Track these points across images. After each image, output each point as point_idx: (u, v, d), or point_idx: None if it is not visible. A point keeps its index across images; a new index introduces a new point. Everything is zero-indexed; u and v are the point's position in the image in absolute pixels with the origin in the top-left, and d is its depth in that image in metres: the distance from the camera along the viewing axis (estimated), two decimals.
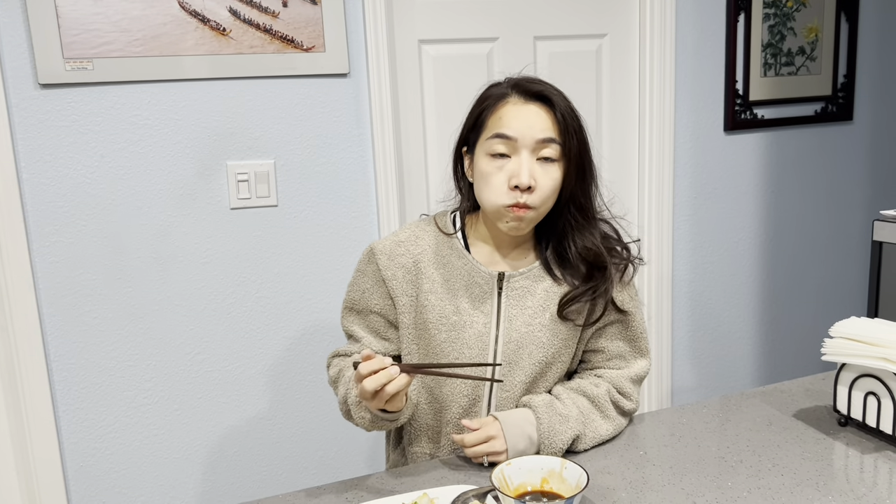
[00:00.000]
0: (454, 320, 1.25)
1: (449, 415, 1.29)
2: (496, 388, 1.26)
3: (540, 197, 1.18)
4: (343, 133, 2.02)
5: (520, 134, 1.16)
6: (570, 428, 1.21)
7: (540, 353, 1.25)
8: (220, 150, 1.92)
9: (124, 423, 1.94)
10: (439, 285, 1.26)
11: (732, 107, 2.44)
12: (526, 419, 1.20)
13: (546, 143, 1.17)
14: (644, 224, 2.42)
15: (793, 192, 2.62)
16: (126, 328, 1.91)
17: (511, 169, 1.17)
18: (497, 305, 1.25)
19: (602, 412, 1.26)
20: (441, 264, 1.27)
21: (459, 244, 1.28)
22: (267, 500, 1.14)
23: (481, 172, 1.20)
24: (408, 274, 1.28)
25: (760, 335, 2.67)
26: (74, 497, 1.92)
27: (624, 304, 1.30)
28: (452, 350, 1.25)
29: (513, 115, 1.17)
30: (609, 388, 1.29)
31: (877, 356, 1.18)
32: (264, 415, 2.07)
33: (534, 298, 1.26)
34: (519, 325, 1.25)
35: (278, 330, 2.05)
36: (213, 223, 1.94)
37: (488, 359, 1.25)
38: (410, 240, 1.30)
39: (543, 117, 1.17)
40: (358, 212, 2.07)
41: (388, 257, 1.28)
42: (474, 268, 1.26)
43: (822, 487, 1.10)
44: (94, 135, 1.82)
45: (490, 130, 1.19)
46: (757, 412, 1.36)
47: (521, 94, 1.19)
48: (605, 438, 1.26)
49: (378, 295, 1.29)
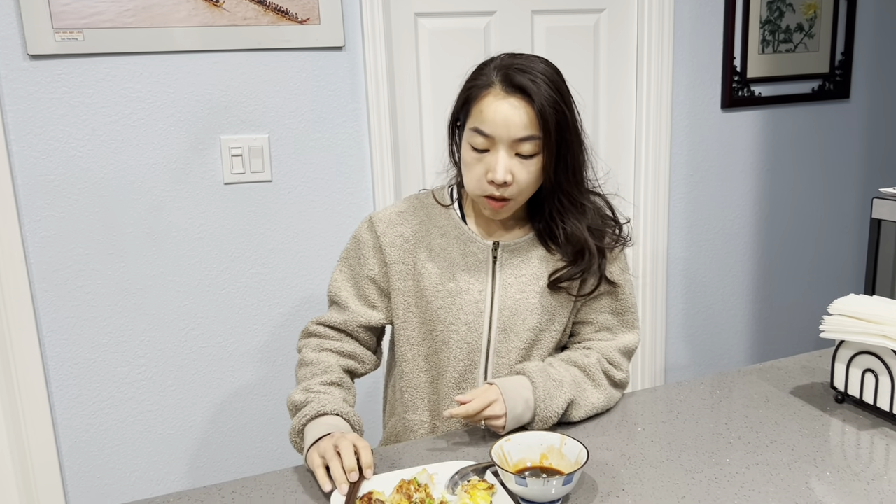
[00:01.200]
0: (450, 287, 1.27)
1: (445, 380, 1.30)
2: (492, 354, 1.28)
3: (517, 189, 1.20)
4: (338, 107, 1.99)
5: (497, 133, 1.17)
6: (564, 392, 1.21)
7: (534, 319, 1.28)
8: (214, 124, 1.90)
9: (118, 399, 1.93)
10: (436, 254, 1.29)
11: (730, 84, 2.42)
12: (521, 384, 1.20)
13: (524, 140, 1.17)
14: (640, 201, 2.41)
15: (789, 170, 2.61)
16: (119, 304, 1.89)
17: (489, 163, 1.19)
18: (492, 274, 1.28)
19: (594, 381, 1.27)
20: (438, 234, 1.30)
21: (456, 215, 1.31)
22: (263, 477, 1.14)
23: (464, 159, 1.23)
24: (406, 243, 1.30)
25: (754, 313, 2.68)
26: (69, 473, 1.92)
27: (614, 276, 1.32)
28: (448, 316, 1.27)
29: (492, 109, 1.16)
30: (599, 357, 1.30)
31: (875, 333, 1.18)
32: (259, 391, 2.06)
33: (528, 267, 1.29)
34: (513, 293, 1.27)
35: (272, 306, 2.04)
36: (207, 198, 1.92)
37: (483, 324, 1.27)
38: (409, 210, 1.33)
39: (522, 113, 1.16)
40: (353, 187, 2.05)
41: (386, 225, 1.32)
42: (470, 238, 1.29)
43: (819, 464, 1.10)
44: (86, 107, 1.79)
45: (472, 120, 1.19)
46: (754, 389, 1.37)
47: (504, 84, 1.17)
48: (598, 409, 1.27)
49: (374, 262, 1.31)
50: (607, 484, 1.06)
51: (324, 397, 1.20)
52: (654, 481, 1.07)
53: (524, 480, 0.98)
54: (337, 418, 1.17)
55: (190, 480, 2.04)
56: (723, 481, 1.06)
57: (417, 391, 1.34)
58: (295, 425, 1.19)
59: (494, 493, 1.01)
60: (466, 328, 1.27)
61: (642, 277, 2.46)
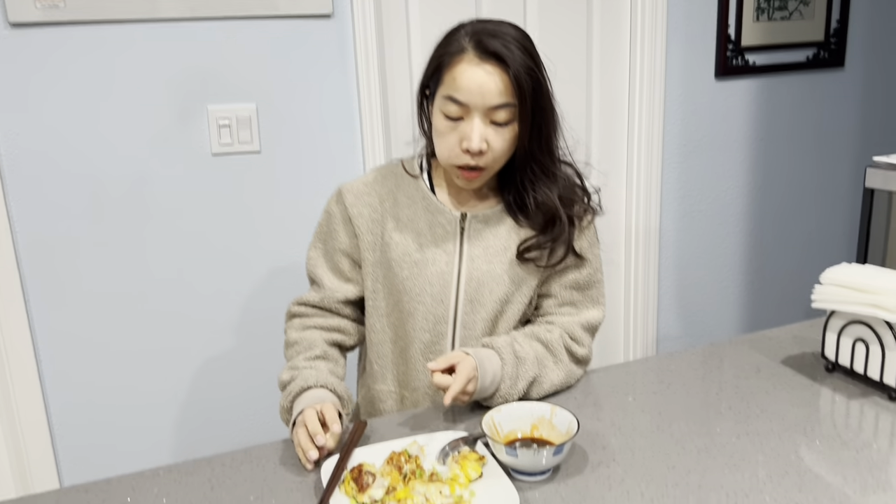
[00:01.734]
0: (416, 258, 1.26)
1: (412, 351, 1.30)
2: (459, 325, 1.28)
3: (492, 158, 1.19)
4: (327, 77, 1.96)
5: (472, 100, 1.15)
6: (527, 371, 1.21)
7: (501, 290, 1.27)
8: (200, 94, 1.86)
9: (106, 372, 1.93)
10: (404, 224, 1.28)
11: (724, 52, 2.40)
12: (491, 359, 1.19)
13: (499, 108, 1.15)
14: (633, 172, 2.39)
15: (782, 139, 2.60)
16: (107, 276, 1.88)
17: (463, 131, 1.17)
18: (459, 245, 1.27)
19: (555, 357, 1.26)
20: (406, 204, 1.29)
21: (425, 185, 1.31)
22: (253, 449, 1.13)
23: (436, 127, 1.21)
24: (374, 213, 1.30)
25: (746, 283, 2.68)
26: (59, 443, 1.92)
27: (582, 250, 1.30)
28: (414, 286, 1.26)
29: (467, 77, 1.14)
30: (562, 333, 1.29)
31: (867, 303, 1.18)
32: (249, 363, 2.05)
33: (495, 239, 1.28)
34: (480, 264, 1.26)
35: (262, 278, 2.02)
36: (195, 169, 1.90)
37: (450, 295, 1.26)
38: (378, 180, 1.33)
39: (497, 79, 1.14)
40: (343, 158, 2.02)
41: (354, 196, 1.31)
42: (438, 209, 1.28)
43: (809, 433, 1.10)
44: (69, 77, 1.75)
45: (445, 88, 1.17)
46: (745, 359, 1.37)
47: (477, 50, 1.14)
48: (558, 386, 1.26)
49: (344, 234, 1.31)
50: (598, 454, 1.06)
51: (307, 372, 1.20)
52: (645, 451, 1.07)
53: (515, 451, 0.98)
54: (321, 391, 1.17)
55: (179, 452, 2.04)
56: (713, 451, 1.06)
57: (386, 361, 1.34)
58: (283, 404, 1.19)
59: (485, 464, 1.01)
60: (432, 299, 1.27)
61: (634, 247, 2.45)
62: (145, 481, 1.05)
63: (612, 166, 2.41)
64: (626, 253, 2.47)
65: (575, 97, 2.29)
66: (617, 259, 2.49)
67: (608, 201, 2.42)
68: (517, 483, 0.99)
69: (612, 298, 2.52)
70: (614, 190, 2.43)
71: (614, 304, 2.53)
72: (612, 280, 2.51)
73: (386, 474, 0.99)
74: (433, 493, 0.94)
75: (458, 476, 0.98)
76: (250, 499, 0.99)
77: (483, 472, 1.00)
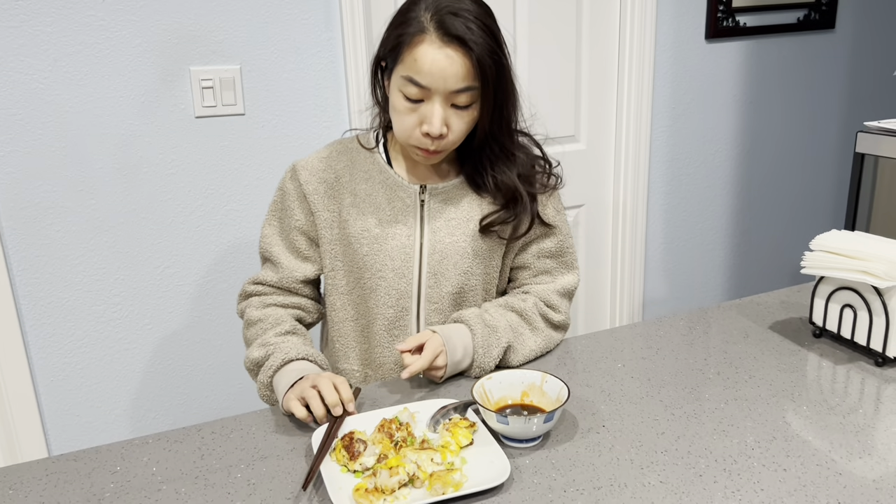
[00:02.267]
0: (376, 233, 1.24)
1: (375, 329, 1.28)
2: (423, 300, 1.26)
3: (451, 140, 1.17)
4: (312, 37, 1.92)
5: (433, 83, 1.11)
6: (500, 339, 1.21)
7: (465, 263, 1.26)
8: (183, 55, 1.82)
9: (94, 338, 1.91)
10: (361, 199, 1.25)
11: (715, 13, 2.37)
12: (460, 332, 1.19)
13: (461, 92, 1.12)
14: (622, 135, 2.38)
15: (772, 102, 2.58)
16: (91, 242, 1.85)
17: (423, 113, 1.14)
18: (420, 218, 1.25)
19: (531, 325, 1.26)
20: (363, 179, 1.26)
21: (381, 159, 1.27)
22: (242, 417, 1.13)
23: (394, 106, 1.17)
24: (329, 189, 1.26)
25: (732, 247, 2.69)
26: (46, 411, 1.91)
27: (549, 218, 1.29)
28: (375, 262, 1.24)
29: (428, 59, 1.09)
30: (536, 300, 1.29)
31: (856, 269, 1.18)
32: (236, 329, 2.04)
33: (457, 210, 1.26)
34: (443, 237, 1.25)
35: (249, 243, 2.00)
36: (178, 132, 1.86)
37: (413, 269, 1.24)
38: (332, 156, 1.29)
39: (459, 63, 1.10)
40: (329, 120, 1.99)
41: (309, 173, 1.27)
42: (396, 182, 1.25)
43: (796, 398, 1.11)
44: (46, 36, 1.70)
45: (405, 68, 1.12)
46: (733, 324, 1.37)
47: (439, 32, 1.09)
48: (537, 352, 1.27)
49: (300, 211, 1.28)
50: (588, 420, 1.07)
51: (284, 345, 1.18)
52: (634, 417, 1.07)
53: (505, 418, 0.98)
54: (304, 363, 1.16)
55: (170, 419, 2.04)
56: (702, 416, 1.07)
57: (348, 340, 1.32)
58: (262, 380, 1.17)
59: (476, 432, 1.01)
60: (394, 274, 1.24)
61: (622, 211, 2.45)
62: (135, 449, 1.04)
63: (601, 129, 2.39)
64: (614, 216, 2.47)
65: (564, 58, 2.26)
66: (605, 222, 2.49)
67: (597, 166, 2.41)
68: (508, 450, 0.99)
69: (600, 262, 2.52)
70: (603, 153, 2.42)
71: (601, 267, 2.53)
72: (600, 243, 2.51)
73: (377, 442, 0.99)
74: (424, 460, 0.94)
75: (449, 443, 0.98)
76: (241, 466, 0.99)
77: (474, 440, 1.00)
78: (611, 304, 2.57)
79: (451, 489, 0.90)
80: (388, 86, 1.18)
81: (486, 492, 0.91)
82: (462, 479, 0.92)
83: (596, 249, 2.50)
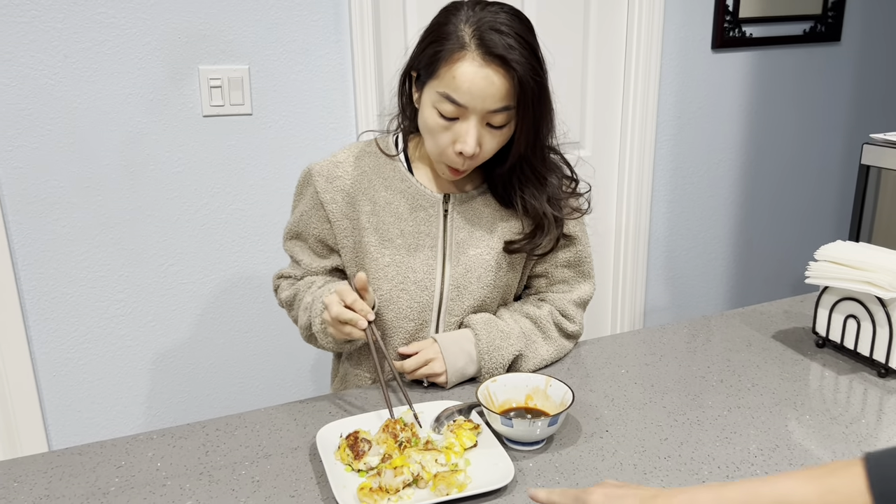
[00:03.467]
0: (398, 244, 1.20)
1: (394, 340, 1.24)
2: (444, 313, 1.23)
3: (482, 158, 1.15)
4: (321, 39, 1.93)
5: (472, 103, 1.07)
6: (511, 345, 1.20)
7: (489, 277, 1.23)
8: (192, 54, 1.83)
9: (97, 335, 1.91)
10: (381, 208, 1.21)
11: (721, 23, 2.38)
12: (464, 337, 1.19)
13: (498, 112, 1.09)
14: (626, 143, 2.39)
15: (776, 113, 2.59)
16: (96, 238, 1.86)
17: (457, 132, 1.10)
18: (443, 228, 1.22)
19: (544, 333, 1.26)
20: (383, 187, 1.22)
21: (402, 166, 1.23)
22: (247, 414, 1.13)
23: (426, 122, 1.13)
24: (347, 197, 1.22)
25: (735, 256, 2.70)
26: (48, 406, 1.91)
27: (569, 229, 1.27)
28: (397, 274, 1.20)
29: (468, 79, 1.05)
30: (552, 309, 1.28)
31: (860, 280, 1.19)
32: (239, 327, 2.05)
33: (481, 221, 1.23)
34: (467, 249, 1.22)
35: (253, 242, 2.01)
36: (186, 131, 1.87)
37: (436, 282, 1.21)
38: (349, 161, 1.24)
39: (500, 84, 1.06)
40: (336, 122, 2.00)
41: (325, 179, 1.23)
42: (418, 190, 1.22)
43: (799, 407, 1.12)
44: (57, 32, 1.71)
45: (442, 83, 1.08)
46: (737, 333, 1.38)
47: (480, 50, 1.05)
48: (548, 361, 1.26)
49: (316, 218, 1.24)
50: (591, 425, 1.07)
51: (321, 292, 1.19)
52: (638, 423, 1.08)
53: (510, 421, 0.99)
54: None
55: (171, 416, 2.04)
56: (705, 423, 1.07)
57: (363, 350, 1.29)
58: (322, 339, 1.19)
59: (480, 434, 1.02)
60: (416, 286, 1.21)
61: (626, 218, 2.45)
62: (139, 445, 1.05)
63: (606, 137, 2.40)
64: (617, 223, 2.47)
65: (570, 65, 2.26)
66: (608, 229, 2.49)
67: (601, 173, 2.42)
68: (511, 452, 1.00)
69: (602, 269, 2.53)
70: (608, 159, 2.42)
71: (604, 274, 2.54)
72: (603, 251, 2.51)
73: (381, 442, 0.99)
74: (429, 460, 0.94)
75: (453, 444, 0.99)
76: (245, 464, 1.00)
77: (478, 441, 1.01)
78: (612, 311, 2.58)
79: (454, 490, 0.90)
80: (420, 98, 1.15)
81: (489, 493, 0.91)
82: (466, 481, 0.92)
83: (599, 256, 2.51)
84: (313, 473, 0.97)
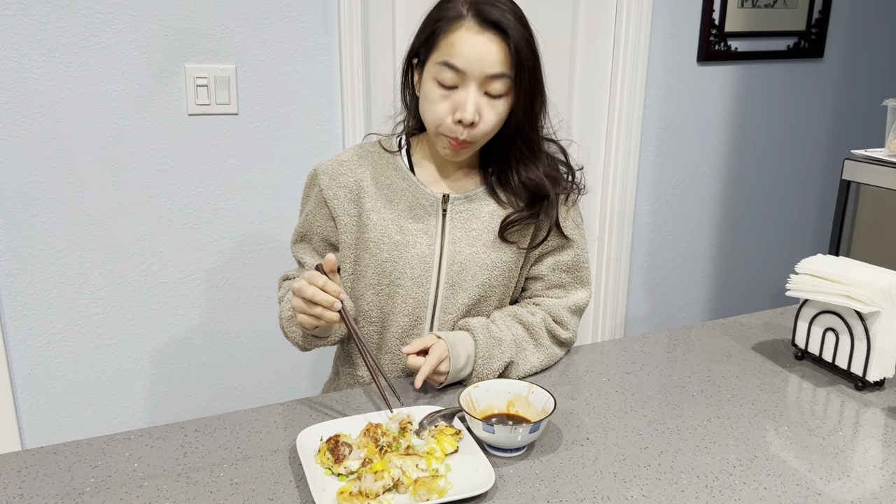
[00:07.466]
0: (397, 240, 1.23)
1: (389, 336, 1.27)
2: (438, 309, 1.25)
3: (482, 131, 1.17)
4: (309, 40, 1.92)
5: (469, 67, 1.11)
6: (503, 353, 1.21)
7: (484, 275, 1.25)
8: (179, 52, 1.82)
9: (75, 332, 1.89)
10: (382, 205, 1.24)
11: (707, 37, 2.40)
12: (465, 340, 1.20)
13: (496, 78, 1.13)
14: (611, 153, 2.40)
15: (759, 127, 2.62)
16: (77, 235, 1.83)
17: (457, 101, 1.14)
18: (441, 227, 1.24)
19: (536, 341, 1.26)
20: (385, 185, 1.25)
21: (403, 165, 1.27)
22: (227, 416, 1.12)
23: (426, 95, 1.17)
24: (350, 194, 1.26)
25: (715, 268, 2.72)
26: (22, 405, 1.88)
27: (568, 231, 1.29)
28: (394, 270, 1.23)
29: (465, 43, 1.11)
30: (545, 315, 1.28)
31: (840, 293, 1.20)
32: (220, 328, 2.03)
33: (478, 221, 1.25)
34: (463, 247, 1.24)
35: (236, 243, 2.00)
36: (170, 129, 1.86)
37: (431, 278, 1.24)
38: (353, 160, 1.28)
39: (496, 49, 1.11)
40: (322, 124, 1.99)
41: (329, 177, 1.27)
42: (418, 189, 1.25)
43: (777, 418, 1.13)
44: (42, 26, 1.69)
45: (441, 54, 1.13)
46: (717, 344, 1.39)
47: (477, 18, 1.11)
48: (538, 369, 1.26)
49: (321, 217, 1.28)
50: (572, 432, 1.08)
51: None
52: (618, 431, 1.08)
53: (491, 427, 0.99)
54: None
55: (148, 417, 2.02)
56: (684, 433, 1.08)
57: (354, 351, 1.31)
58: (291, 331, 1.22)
59: (461, 439, 1.01)
60: (413, 283, 1.23)
61: (608, 228, 2.47)
62: (116, 444, 1.03)
63: (591, 146, 2.41)
64: (601, 233, 2.49)
65: (558, 76, 2.28)
66: (590, 238, 2.51)
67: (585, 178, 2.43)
68: (492, 458, 1.00)
69: None
70: (592, 170, 2.44)
71: None
72: None
73: (362, 446, 0.99)
74: (409, 465, 0.94)
75: (434, 450, 0.98)
76: (224, 466, 0.99)
77: (459, 447, 1.00)
78: (593, 320, 2.59)
79: (435, 496, 0.90)
80: (420, 81, 1.19)
81: (469, 500, 0.91)
82: (446, 486, 0.92)
83: None
84: (293, 477, 0.97)
